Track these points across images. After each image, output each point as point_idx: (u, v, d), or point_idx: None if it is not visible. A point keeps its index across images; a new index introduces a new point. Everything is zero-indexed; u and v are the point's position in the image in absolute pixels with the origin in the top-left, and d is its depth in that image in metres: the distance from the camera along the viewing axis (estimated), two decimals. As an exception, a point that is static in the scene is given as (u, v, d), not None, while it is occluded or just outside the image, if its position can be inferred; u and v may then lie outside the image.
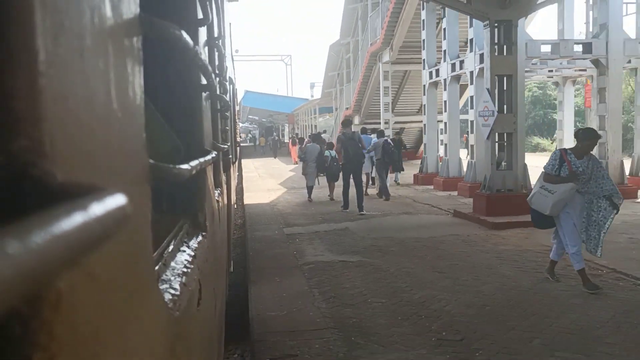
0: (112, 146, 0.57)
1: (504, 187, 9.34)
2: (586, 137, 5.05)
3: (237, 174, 12.30)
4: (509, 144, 9.49)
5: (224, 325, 2.75)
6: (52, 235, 0.33)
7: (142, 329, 0.69)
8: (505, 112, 9.34)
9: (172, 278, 1.03)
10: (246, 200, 13.03)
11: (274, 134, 48.35)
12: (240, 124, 35.83)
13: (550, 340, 3.92)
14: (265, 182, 17.51)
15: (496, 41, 9.31)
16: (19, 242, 0.30)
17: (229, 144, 3.55)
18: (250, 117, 57.28)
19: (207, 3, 1.73)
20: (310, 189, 12.72)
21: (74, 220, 0.36)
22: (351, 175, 10.45)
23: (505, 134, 9.49)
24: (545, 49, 11.89)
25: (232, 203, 6.29)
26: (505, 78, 9.38)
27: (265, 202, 12.66)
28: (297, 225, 9.29)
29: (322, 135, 18.84)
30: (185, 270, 1.11)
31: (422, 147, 18.25)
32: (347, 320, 4.40)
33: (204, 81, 1.71)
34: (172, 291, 0.97)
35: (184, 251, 1.24)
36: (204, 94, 1.76)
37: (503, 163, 9.51)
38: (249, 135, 62.35)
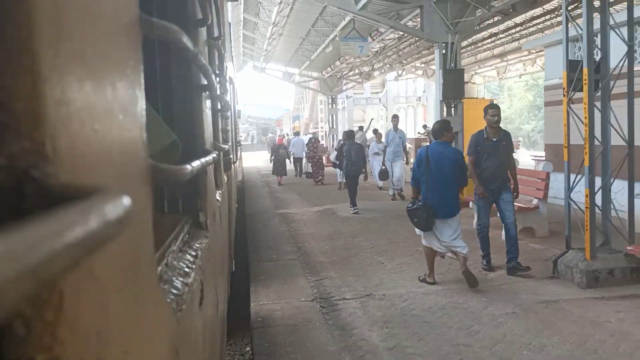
0: (113, 147, 0.57)
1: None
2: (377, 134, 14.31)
3: (237, 172, 15.73)
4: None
5: (226, 324, 2.75)
6: (54, 236, 0.33)
7: (144, 330, 0.69)
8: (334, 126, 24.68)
9: (174, 278, 1.02)
10: (244, 165, 26.65)
11: (270, 134, 50.18)
12: (241, 125, 36.67)
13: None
14: (255, 161, 32.99)
15: (329, 102, 26.07)
16: (21, 244, 0.30)
17: (229, 144, 3.54)
18: (249, 119, 69.24)
19: (207, 3, 1.73)
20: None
21: (76, 221, 0.36)
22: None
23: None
24: (362, 100, 30.92)
25: (234, 202, 6.36)
26: (333, 116, 26.18)
27: (253, 166, 27.72)
28: (266, 173, 21.56)
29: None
30: (187, 270, 1.11)
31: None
32: (277, 198, 13.80)
33: (204, 81, 1.71)
34: (174, 291, 0.97)
35: (186, 251, 1.24)
36: (204, 94, 1.75)
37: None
38: (249, 135, 65.41)
